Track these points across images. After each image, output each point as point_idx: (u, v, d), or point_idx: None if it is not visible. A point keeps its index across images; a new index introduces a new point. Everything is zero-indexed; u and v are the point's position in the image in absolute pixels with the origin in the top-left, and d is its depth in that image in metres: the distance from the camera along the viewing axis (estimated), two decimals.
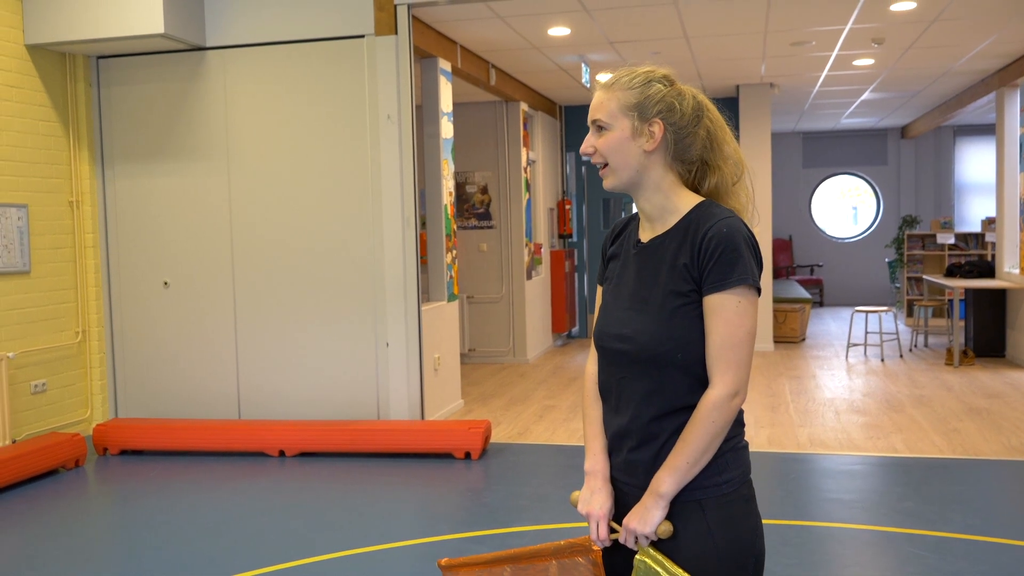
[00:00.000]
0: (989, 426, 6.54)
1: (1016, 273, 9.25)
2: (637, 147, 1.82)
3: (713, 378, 1.75)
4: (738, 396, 1.74)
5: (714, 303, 1.75)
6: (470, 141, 9.90)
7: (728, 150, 1.88)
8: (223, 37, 6.70)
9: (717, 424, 1.73)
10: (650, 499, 1.77)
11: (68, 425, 6.78)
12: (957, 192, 14.91)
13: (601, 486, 1.87)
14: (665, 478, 1.75)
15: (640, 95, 1.82)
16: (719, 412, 1.73)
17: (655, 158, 1.83)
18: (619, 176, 1.85)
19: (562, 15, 6.90)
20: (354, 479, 5.63)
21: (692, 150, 1.85)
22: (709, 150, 1.87)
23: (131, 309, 7.02)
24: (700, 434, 1.73)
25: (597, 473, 1.89)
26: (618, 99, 1.83)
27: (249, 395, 6.85)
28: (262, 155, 6.73)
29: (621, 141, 1.82)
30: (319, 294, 6.69)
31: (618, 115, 1.82)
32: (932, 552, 4.14)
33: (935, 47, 8.28)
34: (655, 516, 1.75)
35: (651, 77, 1.84)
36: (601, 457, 1.91)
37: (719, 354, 1.74)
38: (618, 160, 1.83)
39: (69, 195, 6.85)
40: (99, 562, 4.35)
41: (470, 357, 10.13)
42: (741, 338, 1.74)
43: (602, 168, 1.87)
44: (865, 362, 9.57)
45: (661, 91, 1.83)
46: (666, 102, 1.82)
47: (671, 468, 1.75)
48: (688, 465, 1.74)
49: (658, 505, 1.76)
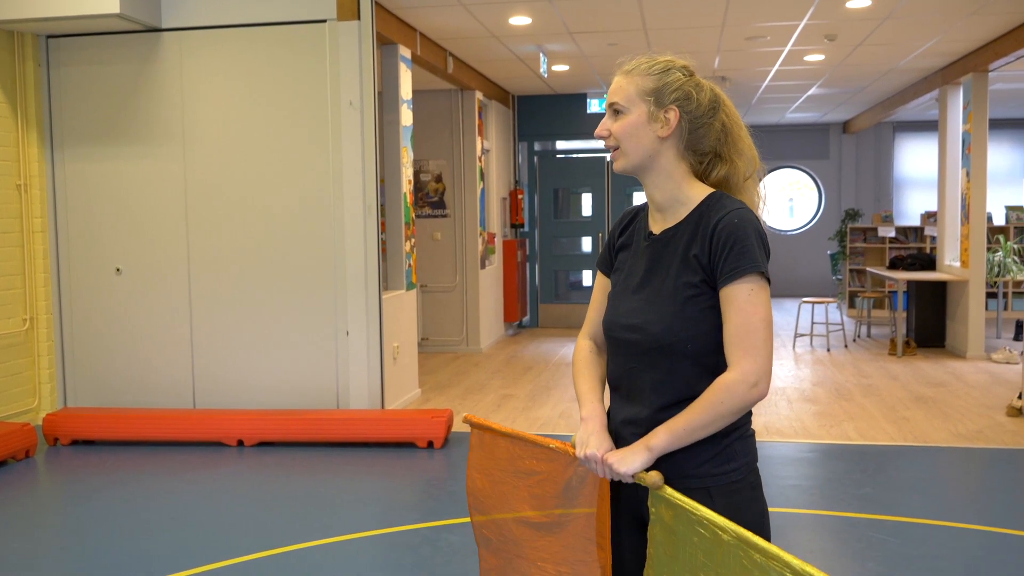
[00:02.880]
0: (936, 414, 6.74)
1: (956, 266, 9.53)
2: (651, 132, 1.84)
3: (731, 365, 1.76)
4: (758, 386, 1.74)
5: (727, 294, 1.77)
6: (425, 129, 9.86)
7: (743, 146, 1.90)
8: (180, 18, 6.55)
9: (724, 405, 1.73)
10: (637, 446, 1.77)
11: (14, 415, 6.59)
12: (896, 186, 15.28)
13: (599, 428, 1.86)
14: (660, 434, 1.76)
15: (659, 81, 1.84)
16: (729, 394, 1.73)
17: (668, 145, 1.85)
18: (630, 159, 1.86)
19: (524, 4, 6.89)
20: (317, 469, 5.58)
21: (706, 141, 1.87)
22: (723, 143, 1.89)
23: (81, 296, 6.85)
24: (706, 408, 1.74)
25: (595, 417, 1.89)
26: (637, 84, 1.85)
27: (205, 384, 6.73)
28: (219, 140, 6.61)
29: (636, 125, 1.84)
30: (278, 281, 6.60)
31: (636, 99, 1.84)
32: (894, 536, 4.26)
33: (884, 44, 8.46)
34: (635, 461, 1.75)
35: (671, 65, 1.86)
36: (598, 405, 1.92)
37: (734, 342, 1.75)
38: (631, 144, 1.85)
39: (16, 178, 6.64)
40: (54, 555, 4.25)
41: (423, 346, 10.10)
42: (756, 325, 1.75)
43: (614, 151, 1.88)
44: (812, 352, 9.78)
45: (680, 79, 1.85)
46: (684, 91, 1.84)
47: (668, 428, 1.76)
48: (685, 432, 1.74)
49: (642, 454, 1.75)
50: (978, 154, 9.01)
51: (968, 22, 7.59)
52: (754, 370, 1.74)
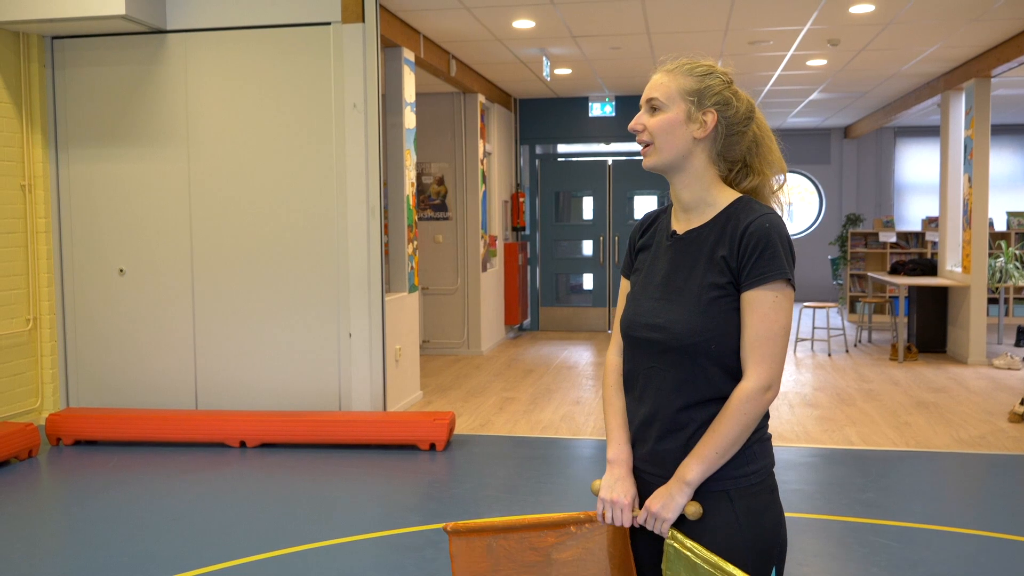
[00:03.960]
0: (937, 419, 6.75)
1: (958, 272, 9.54)
2: (688, 132, 1.85)
3: (747, 371, 1.77)
4: (771, 390, 1.77)
5: (751, 298, 1.78)
6: (427, 132, 9.87)
7: (773, 158, 1.92)
8: (185, 20, 6.56)
9: (749, 416, 1.76)
10: (675, 486, 1.78)
11: (17, 415, 6.59)
12: (897, 192, 15.30)
13: (625, 474, 1.88)
14: (693, 466, 1.77)
15: (701, 83, 1.85)
16: (751, 404, 1.75)
17: (702, 147, 1.86)
18: (662, 156, 1.86)
19: (528, 7, 6.91)
20: (318, 470, 5.58)
21: (737, 149, 1.89)
22: (754, 154, 1.91)
23: (84, 296, 6.85)
24: (731, 425, 1.75)
25: (622, 462, 1.90)
26: (679, 83, 1.86)
27: (207, 385, 6.74)
28: (223, 142, 6.62)
29: (674, 123, 1.85)
30: (281, 283, 6.61)
31: (676, 97, 1.85)
32: (895, 541, 4.26)
33: (886, 49, 8.48)
34: (678, 502, 1.77)
35: (713, 70, 1.88)
36: (625, 446, 1.92)
37: (753, 347, 1.77)
38: (666, 141, 1.85)
39: (21, 179, 6.65)
40: (56, 555, 4.25)
41: (424, 348, 10.10)
42: (776, 332, 1.77)
43: (645, 147, 1.89)
44: (813, 356, 9.79)
45: (721, 84, 1.87)
46: (723, 96, 1.86)
47: (699, 457, 1.77)
48: (717, 455, 1.76)
49: (683, 492, 1.77)
50: (980, 160, 9.02)
51: (970, 28, 7.60)
52: (768, 376, 1.77)
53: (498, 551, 1.87)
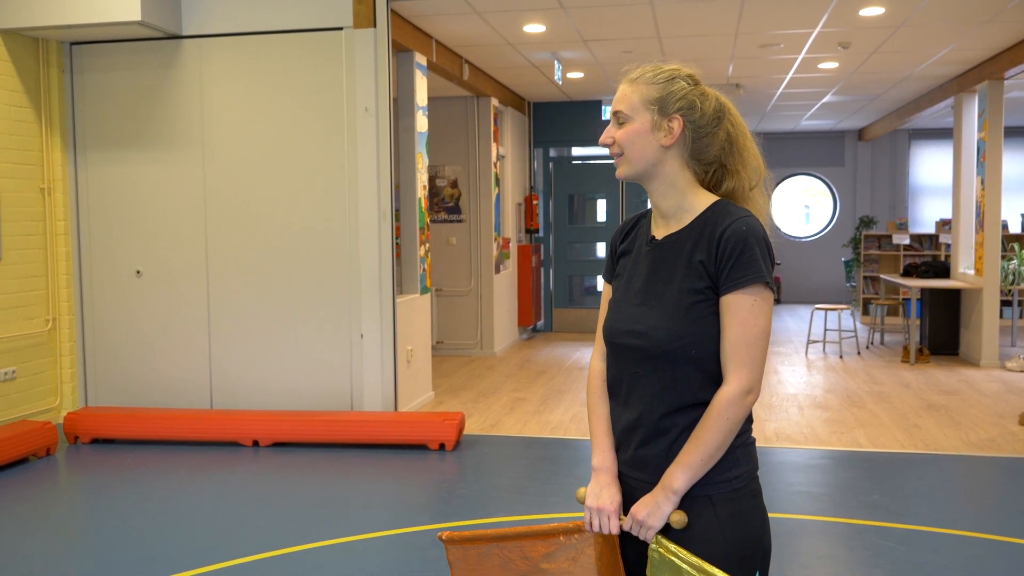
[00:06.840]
0: (948, 422, 6.76)
1: (971, 274, 9.53)
2: (655, 141, 1.84)
3: (728, 375, 1.78)
4: (752, 393, 1.77)
5: (730, 302, 1.77)
6: (441, 135, 9.94)
7: (748, 156, 1.91)
8: (200, 26, 6.66)
9: (731, 421, 1.76)
10: (661, 494, 1.78)
11: (36, 414, 6.70)
12: (911, 194, 15.26)
13: (610, 481, 1.88)
14: (678, 474, 1.77)
15: (663, 91, 1.85)
16: (733, 409, 1.76)
17: (672, 153, 1.86)
18: (633, 166, 1.87)
19: (539, 12, 6.96)
20: (330, 470, 5.66)
21: (710, 150, 1.88)
22: (728, 153, 1.89)
23: (102, 297, 6.96)
24: (714, 431, 1.76)
25: (607, 469, 1.90)
26: (641, 93, 1.86)
27: (221, 385, 6.83)
28: (238, 145, 6.72)
29: (640, 133, 1.85)
30: (294, 285, 6.69)
31: (639, 108, 1.85)
32: (901, 544, 4.29)
33: (898, 52, 8.49)
34: (664, 511, 1.77)
35: (676, 75, 1.87)
36: (610, 454, 1.92)
37: (734, 351, 1.77)
38: (634, 151, 1.86)
39: (40, 181, 6.76)
40: (72, 551, 4.34)
41: (438, 349, 10.18)
42: (756, 336, 1.77)
43: (617, 158, 1.89)
44: (824, 358, 9.79)
45: (684, 89, 1.86)
46: (688, 100, 1.85)
47: (684, 464, 1.77)
48: (702, 462, 1.76)
49: (669, 500, 1.77)
50: (993, 162, 9.01)
51: (983, 30, 7.60)
52: (749, 380, 1.77)
53: (494, 559, 1.90)
